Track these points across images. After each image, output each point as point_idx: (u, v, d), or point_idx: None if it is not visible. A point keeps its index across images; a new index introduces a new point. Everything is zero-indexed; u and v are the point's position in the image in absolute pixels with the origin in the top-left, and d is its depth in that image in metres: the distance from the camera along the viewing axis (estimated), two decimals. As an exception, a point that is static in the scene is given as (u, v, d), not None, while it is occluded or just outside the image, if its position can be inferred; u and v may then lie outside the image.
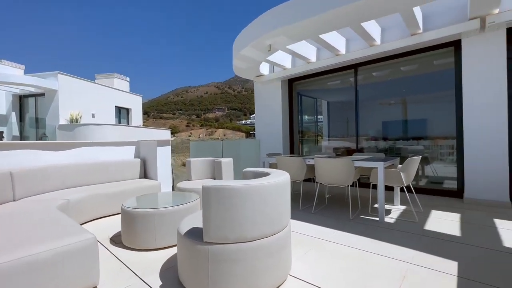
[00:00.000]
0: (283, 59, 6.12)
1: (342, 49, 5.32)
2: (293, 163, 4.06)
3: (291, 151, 6.98)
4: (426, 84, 5.50)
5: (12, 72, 11.58)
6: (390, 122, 6.02)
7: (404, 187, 3.55)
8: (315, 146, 7.70)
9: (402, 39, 4.58)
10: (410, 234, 2.83)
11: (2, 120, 11.75)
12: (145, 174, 4.80)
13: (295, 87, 7.07)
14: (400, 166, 3.76)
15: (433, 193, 4.78)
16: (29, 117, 12.13)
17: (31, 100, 12.13)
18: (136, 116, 16.58)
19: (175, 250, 2.42)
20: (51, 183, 3.52)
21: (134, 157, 4.99)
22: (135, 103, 16.46)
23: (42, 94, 11.63)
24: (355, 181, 4.57)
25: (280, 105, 6.77)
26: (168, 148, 4.82)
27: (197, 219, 2.02)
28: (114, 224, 3.27)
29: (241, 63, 5.59)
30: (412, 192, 4.05)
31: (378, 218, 3.36)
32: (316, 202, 4.30)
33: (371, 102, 6.27)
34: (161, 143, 4.70)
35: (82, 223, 3.31)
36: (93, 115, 12.84)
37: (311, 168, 4.15)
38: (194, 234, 1.80)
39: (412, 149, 5.52)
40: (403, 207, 3.90)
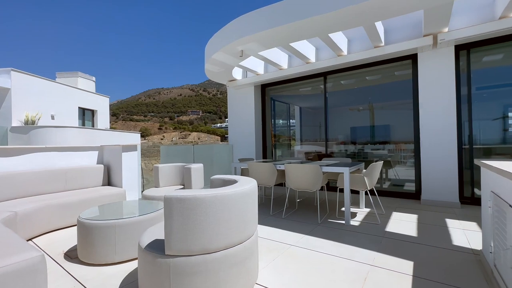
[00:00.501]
0: (256, 64, 6.18)
1: (312, 58, 5.52)
2: (264, 168, 4.08)
3: (264, 155, 7.03)
4: (389, 92, 5.94)
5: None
6: (358, 127, 6.39)
7: (368, 190, 3.74)
8: (288, 150, 7.84)
9: (367, 51, 4.87)
10: (373, 236, 2.98)
11: None
12: (108, 182, 4.51)
13: (268, 92, 7.17)
14: (365, 170, 3.96)
15: (395, 195, 5.09)
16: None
17: (-23, 99, 10.88)
18: (103, 118, 15.61)
19: (137, 264, 2.29)
20: (-4, 193, 3.15)
21: (97, 163, 4.67)
22: (101, 105, 15.51)
23: (-9, 93, 10.49)
24: (324, 185, 4.73)
25: (253, 110, 6.81)
26: (135, 154, 4.59)
27: (161, 230, 1.93)
28: (70, 237, 3.01)
29: (213, 67, 5.54)
30: (375, 195, 4.28)
31: (344, 222, 3.49)
32: (286, 206, 4.36)
33: (340, 108, 6.61)
34: (127, 148, 4.46)
35: (33, 238, 3.00)
36: (52, 117, 11.84)
37: (282, 173, 4.21)
38: (156, 246, 1.71)
39: (377, 153, 5.90)
40: (367, 210, 4.10)
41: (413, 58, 4.78)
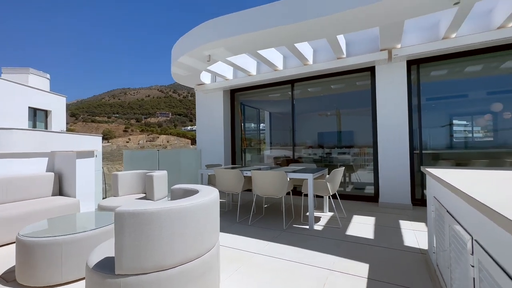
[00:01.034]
0: (225, 69, 6.15)
1: (280, 65, 5.64)
2: (231, 175, 4.04)
3: (233, 161, 6.99)
4: (352, 100, 6.38)
5: None
6: (325, 133, 6.76)
7: (330, 195, 3.90)
8: (257, 155, 7.90)
9: (330, 61, 5.11)
10: (334, 240, 3.10)
11: None
12: (60, 191, 4.12)
13: (238, 97, 7.16)
14: (328, 176, 4.12)
15: (357, 198, 5.37)
16: None
17: None
18: (58, 119, 14.30)
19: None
20: None
21: (47, 171, 4.24)
22: (56, 105, 14.20)
23: None
24: (290, 190, 4.83)
25: (222, 114, 6.74)
26: (91, 160, 4.25)
27: (114, 246, 1.80)
28: (8, 257, 2.67)
29: (180, 71, 5.39)
30: (337, 199, 4.48)
31: (308, 227, 3.58)
32: (253, 213, 4.36)
33: (308, 114, 6.91)
34: (83, 154, 4.12)
35: (-39, 259, 2.61)
36: (-5, 118, 10.56)
37: (249, 179, 4.20)
38: (106, 265, 1.59)
39: (342, 158, 6.24)
40: (331, 214, 4.26)
41: (371, 70, 5.13)
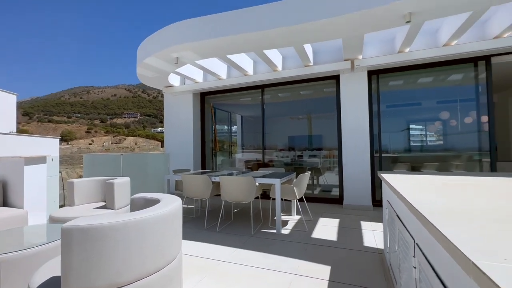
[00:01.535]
0: (194, 72, 6.03)
1: (250, 71, 5.69)
2: (199, 181, 3.96)
3: (203, 165, 6.86)
4: (320, 106, 6.71)
5: None
6: (295, 136, 7.04)
7: (297, 199, 4.00)
8: (228, 159, 7.85)
9: (298, 69, 5.28)
10: (300, 244, 3.17)
11: None
12: (4, 202, 3.69)
13: (208, 100, 7.07)
14: (295, 180, 4.23)
15: (324, 201, 5.58)
16: None
17: None
18: (7, 119, 12.85)
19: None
20: None
21: (-12, 179, 3.78)
22: (4, 103, 12.76)
23: None
24: (259, 195, 4.87)
25: (192, 118, 6.60)
26: (44, 166, 3.89)
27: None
28: None
29: (146, 72, 5.17)
30: (304, 202, 4.62)
31: (276, 231, 3.63)
32: (222, 219, 4.31)
33: (278, 118, 7.09)
34: (32, 160, 3.74)
35: None
36: None
37: (218, 185, 4.15)
38: (51, 286, 1.45)
39: (310, 161, 6.49)
40: (298, 217, 4.37)
41: (336, 78, 5.39)
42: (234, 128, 8.34)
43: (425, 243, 1.14)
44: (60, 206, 5.74)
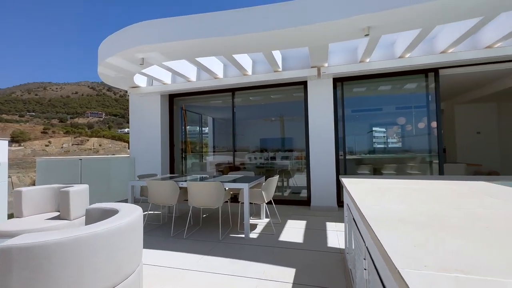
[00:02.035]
0: (162, 73, 5.83)
1: (220, 74, 5.65)
2: (165, 187, 3.84)
3: (172, 169, 6.65)
4: (290, 110, 6.92)
5: None
6: (267, 139, 7.19)
7: (265, 203, 4.06)
8: (199, 162, 7.71)
9: (268, 74, 5.37)
10: (267, 248, 3.22)
11: None
12: None
13: (177, 102, 6.88)
14: (264, 184, 4.28)
15: (293, 203, 5.73)
16: None
17: None
18: None
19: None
20: None
21: None
22: None
23: None
24: (228, 199, 4.85)
25: (159, 120, 6.37)
26: (-15, 174, 3.48)
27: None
28: None
29: (108, 71, 4.89)
30: (272, 204, 4.71)
31: (244, 235, 3.65)
32: (190, 225, 4.22)
33: (250, 121, 7.15)
34: (-29, 168, 3.33)
35: None
36: None
37: (186, 190, 4.05)
38: (-13, 313, 1.30)
39: (281, 163, 6.67)
40: (267, 220, 4.44)
41: (304, 84, 5.58)
42: (206, 129, 8.23)
43: (371, 247, 1.23)
44: (9, 216, 5.18)
